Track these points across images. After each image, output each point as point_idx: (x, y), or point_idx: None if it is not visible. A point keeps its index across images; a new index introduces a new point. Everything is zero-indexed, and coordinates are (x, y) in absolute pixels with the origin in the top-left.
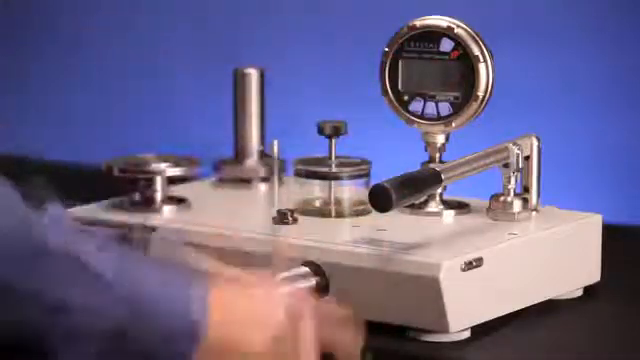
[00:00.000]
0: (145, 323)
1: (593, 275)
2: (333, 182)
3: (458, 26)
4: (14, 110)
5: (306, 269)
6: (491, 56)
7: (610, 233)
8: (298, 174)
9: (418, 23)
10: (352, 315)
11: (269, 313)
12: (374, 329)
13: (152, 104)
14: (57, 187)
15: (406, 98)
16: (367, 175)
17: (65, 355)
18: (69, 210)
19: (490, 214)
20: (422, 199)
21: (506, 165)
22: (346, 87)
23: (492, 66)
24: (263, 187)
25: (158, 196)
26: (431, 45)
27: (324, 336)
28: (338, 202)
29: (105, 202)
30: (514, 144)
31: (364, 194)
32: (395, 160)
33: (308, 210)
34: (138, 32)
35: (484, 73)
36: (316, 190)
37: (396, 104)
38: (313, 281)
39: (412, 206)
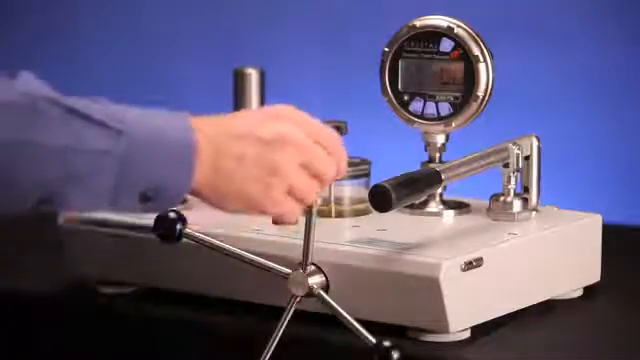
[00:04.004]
0: (143, 148)
1: (593, 275)
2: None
3: (458, 26)
4: None
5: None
6: (491, 56)
7: (610, 233)
8: None
9: (418, 23)
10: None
11: (251, 116)
12: (374, 329)
13: (152, 104)
14: None
15: (406, 98)
16: (367, 175)
17: (77, 199)
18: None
19: (490, 214)
20: (422, 199)
21: (506, 165)
22: (346, 87)
23: (492, 66)
24: None
25: None
26: (431, 45)
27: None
28: (338, 202)
29: None
30: (514, 144)
31: (364, 194)
32: (395, 160)
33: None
34: (138, 32)
35: (484, 73)
36: None
37: (396, 104)
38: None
39: (412, 206)
